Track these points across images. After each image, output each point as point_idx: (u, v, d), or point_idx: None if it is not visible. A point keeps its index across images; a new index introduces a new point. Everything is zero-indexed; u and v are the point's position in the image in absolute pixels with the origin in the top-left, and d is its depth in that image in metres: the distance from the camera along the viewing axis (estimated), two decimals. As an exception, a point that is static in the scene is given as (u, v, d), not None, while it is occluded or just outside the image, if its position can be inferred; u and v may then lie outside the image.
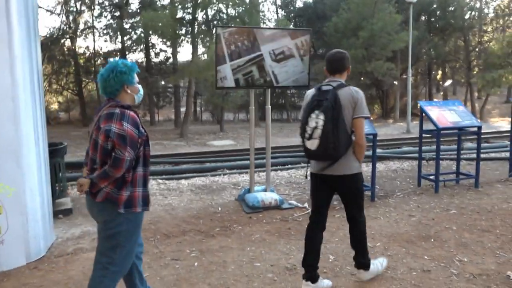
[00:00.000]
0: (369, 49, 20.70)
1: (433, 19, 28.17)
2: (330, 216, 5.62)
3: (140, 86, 2.82)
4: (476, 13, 30.92)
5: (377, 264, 3.76)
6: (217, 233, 4.98)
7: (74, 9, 25.84)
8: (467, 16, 28.57)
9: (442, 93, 42.49)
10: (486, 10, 33.31)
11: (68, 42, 25.73)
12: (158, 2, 22.77)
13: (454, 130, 6.83)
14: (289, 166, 9.08)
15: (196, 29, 18.37)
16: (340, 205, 6.02)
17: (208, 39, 18.11)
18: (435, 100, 33.81)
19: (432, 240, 4.60)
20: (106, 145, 2.54)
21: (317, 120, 3.18)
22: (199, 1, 16.22)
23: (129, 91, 2.72)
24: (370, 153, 6.21)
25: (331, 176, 3.35)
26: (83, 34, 26.29)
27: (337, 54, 3.44)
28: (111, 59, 2.77)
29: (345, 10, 21.87)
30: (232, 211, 5.88)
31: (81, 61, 25.81)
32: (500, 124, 23.45)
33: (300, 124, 3.35)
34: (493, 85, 23.60)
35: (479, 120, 7.05)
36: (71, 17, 25.73)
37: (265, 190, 6.25)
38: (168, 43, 22.73)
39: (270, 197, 5.95)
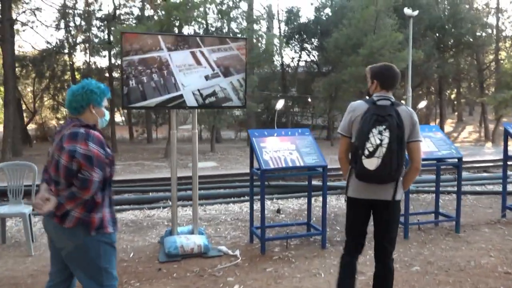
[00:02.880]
0: (370, 67, 19.45)
1: (442, 36, 26.82)
2: None
3: (107, 112, 2.80)
4: (490, 30, 29.57)
5: None
6: (101, 294, 3.88)
7: (73, 24, 25.36)
8: (478, 33, 27.20)
9: (456, 113, 40.93)
10: (502, 27, 31.97)
11: (65, 57, 25.17)
12: (155, 17, 22.02)
13: (431, 161, 5.67)
14: (246, 198, 7.84)
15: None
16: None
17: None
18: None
19: (371, 316, 3.43)
20: (71, 165, 2.48)
21: (381, 137, 2.86)
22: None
23: (93, 112, 2.69)
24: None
25: (376, 201, 3.06)
26: (82, 49, 25.78)
27: (396, 69, 3.18)
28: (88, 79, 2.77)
29: (345, 26, 20.80)
30: (145, 259, 4.79)
31: (78, 76, 25.20)
32: (514, 147, 21.88)
33: (357, 139, 2.97)
34: (506, 106, 22.12)
35: (458, 149, 5.82)
36: (71, 32, 25.22)
37: (192, 232, 5.15)
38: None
39: (193, 242, 4.85)
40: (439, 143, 5.63)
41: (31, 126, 26.98)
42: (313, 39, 27.68)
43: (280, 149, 5.04)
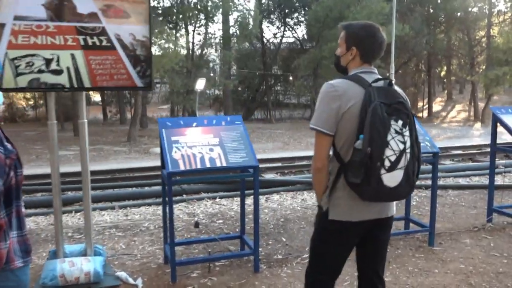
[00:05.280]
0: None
1: (432, 10, 25.47)
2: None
3: None
4: (484, 5, 28.25)
5: None
6: None
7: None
8: (470, 9, 25.89)
9: (446, 91, 39.83)
10: (495, 1, 30.63)
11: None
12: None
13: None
14: (185, 197, 6.59)
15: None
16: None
17: (165, 28, 16.06)
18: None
19: None
20: None
21: (403, 139, 1.98)
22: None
23: None
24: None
25: (382, 220, 2.23)
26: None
27: (383, 34, 2.18)
28: None
29: (325, -3, 19.47)
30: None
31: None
32: (504, 131, 20.81)
33: (370, 144, 1.94)
34: (496, 84, 21.02)
35: (435, 142, 4.64)
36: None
37: (84, 252, 3.94)
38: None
39: (79, 268, 3.64)
40: (410, 133, 4.44)
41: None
42: (296, 14, 26.18)
43: (198, 144, 3.81)
